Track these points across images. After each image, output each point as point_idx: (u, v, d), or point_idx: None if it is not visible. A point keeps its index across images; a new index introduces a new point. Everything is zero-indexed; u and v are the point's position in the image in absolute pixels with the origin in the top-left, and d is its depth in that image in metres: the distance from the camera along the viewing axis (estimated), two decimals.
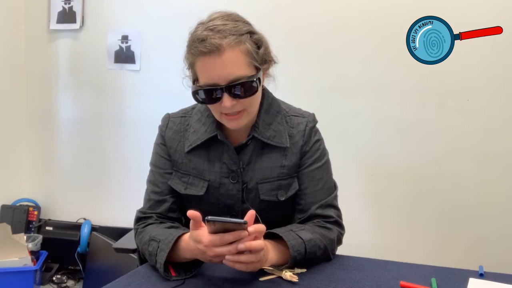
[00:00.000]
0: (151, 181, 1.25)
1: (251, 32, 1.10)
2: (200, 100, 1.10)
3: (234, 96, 1.06)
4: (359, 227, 2.19)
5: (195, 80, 1.12)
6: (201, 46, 1.04)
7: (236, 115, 1.10)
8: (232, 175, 1.18)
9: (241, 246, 0.94)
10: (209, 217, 0.92)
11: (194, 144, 1.19)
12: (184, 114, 1.26)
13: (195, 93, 1.10)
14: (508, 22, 1.86)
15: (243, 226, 0.94)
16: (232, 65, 1.05)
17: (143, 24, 2.62)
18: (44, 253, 2.60)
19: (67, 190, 2.88)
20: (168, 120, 1.26)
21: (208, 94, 1.07)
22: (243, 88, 1.06)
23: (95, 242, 2.65)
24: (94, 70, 2.74)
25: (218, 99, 1.07)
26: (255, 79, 1.07)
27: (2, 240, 2.34)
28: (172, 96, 2.39)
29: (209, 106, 1.13)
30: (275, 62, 1.17)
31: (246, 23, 1.12)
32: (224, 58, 1.03)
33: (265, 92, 1.21)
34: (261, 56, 1.10)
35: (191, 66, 1.11)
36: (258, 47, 1.10)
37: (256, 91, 1.09)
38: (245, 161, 1.18)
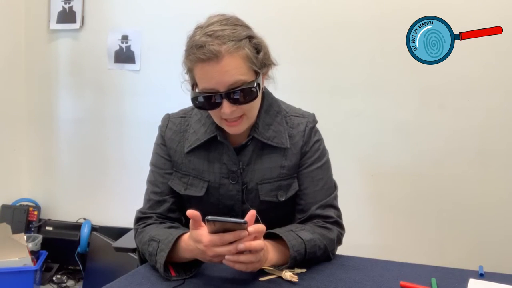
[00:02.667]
0: (151, 181, 1.25)
1: (250, 37, 1.09)
2: (200, 106, 1.10)
3: (234, 102, 1.06)
4: (359, 227, 2.19)
5: (194, 85, 1.11)
6: (199, 53, 1.03)
7: (236, 120, 1.10)
8: (232, 176, 1.18)
9: (241, 246, 0.94)
10: (209, 216, 0.92)
11: (194, 144, 1.19)
12: (184, 114, 1.26)
13: (194, 99, 1.09)
14: (508, 22, 1.86)
15: (243, 226, 0.94)
16: (231, 71, 1.04)
17: (143, 24, 2.62)
18: (44, 253, 2.60)
19: (67, 190, 2.88)
20: (168, 120, 1.26)
21: (207, 100, 1.07)
22: (242, 94, 1.06)
23: (95, 242, 2.65)
24: (94, 70, 2.74)
25: (218, 105, 1.07)
26: (254, 85, 1.07)
27: (2, 240, 2.34)
28: (172, 96, 2.39)
29: (209, 112, 1.13)
30: (274, 65, 1.16)
31: (245, 27, 1.10)
32: (223, 64, 1.03)
33: (265, 92, 1.21)
34: (260, 60, 1.09)
35: (190, 71, 1.10)
36: (258, 52, 1.09)
37: (256, 96, 1.09)
38: (245, 162, 1.18)
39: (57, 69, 2.82)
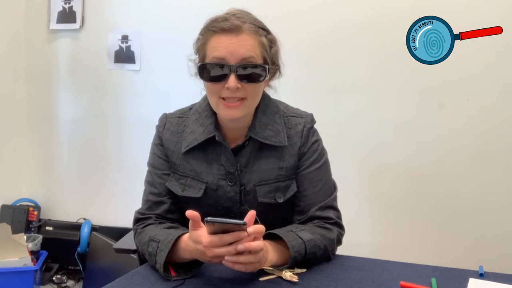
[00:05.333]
0: (149, 182, 1.25)
1: (267, 31, 1.14)
2: (206, 76, 1.10)
3: (241, 77, 1.07)
4: (359, 227, 2.19)
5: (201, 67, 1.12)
6: (222, 24, 1.07)
7: (235, 102, 1.10)
8: (230, 177, 1.17)
9: (241, 246, 0.93)
10: (209, 218, 0.92)
11: (191, 144, 1.19)
12: (182, 114, 1.25)
13: (202, 67, 1.09)
14: (508, 22, 1.86)
15: (242, 227, 0.93)
16: (247, 46, 1.07)
17: (143, 24, 2.62)
18: (44, 253, 2.60)
19: (67, 190, 2.88)
20: (165, 120, 1.25)
21: (215, 69, 1.08)
22: (251, 72, 1.08)
23: (95, 242, 2.65)
24: (94, 70, 2.74)
25: (224, 77, 1.07)
26: (264, 68, 1.09)
27: (2, 240, 2.34)
28: (172, 96, 2.40)
29: (210, 87, 1.11)
30: (280, 73, 1.19)
31: (262, 23, 1.16)
32: (241, 38, 1.07)
33: (263, 94, 1.21)
34: (272, 54, 1.14)
35: (202, 47, 1.12)
36: (271, 47, 1.13)
37: (262, 79, 1.10)
38: (242, 163, 1.18)
39: (57, 69, 2.82)
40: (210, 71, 1.08)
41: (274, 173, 1.18)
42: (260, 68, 1.09)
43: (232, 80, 1.06)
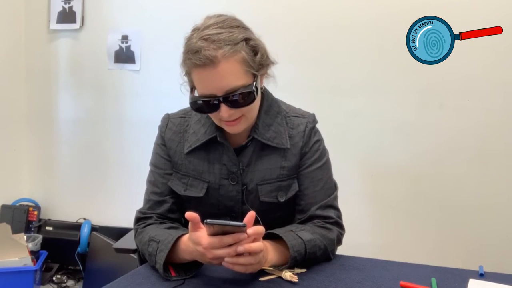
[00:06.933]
0: (151, 182, 1.25)
1: (247, 39, 1.07)
2: (198, 109, 1.10)
3: (232, 105, 1.06)
4: (359, 227, 2.19)
5: (192, 88, 1.11)
6: (195, 59, 1.02)
7: (235, 120, 1.10)
8: (232, 177, 1.18)
9: (240, 248, 0.94)
10: (208, 220, 0.92)
11: (193, 145, 1.19)
12: (184, 114, 1.26)
13: (193, 103, 1.09)
14: (508, 22, 1.86)
15: (242, 229, 0.93)
16: (228, 77, 1.03)
17: (143, 24, 2.62)
18: (44, 253, 2.60)
19: (67, 190, 2.88)
20: (167, 120, 1.26)
21: (205, 104, 1.07)
22: (240, 97, 1.05)
23: (95, 242, 2.65)
24: (94, 70, 2.74)
25: (216, 108, 1.07)
26: (251, 89, 1.06)
27: (2, 240, 2.34)
28: (172, 96, 2.38)
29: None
30: (273, 63, 1.16)
31: (242, 28, 1.09)
32: (220, 69, 1.02)
33: (265, 93, 1.21)
34: (258, 62, 1.08)
35: (188, 74, 1.10)
36: (255, 54, 1.08)
37: (254, 99, 1.08)
38: (244, 163, 1.18)
39: (57, 69, 2.82)
40: (201, 106, 1.08)
41: (276, 172, 1.18)
42: (248, 91, 1.06)
43: (223, 111, 1.06)
